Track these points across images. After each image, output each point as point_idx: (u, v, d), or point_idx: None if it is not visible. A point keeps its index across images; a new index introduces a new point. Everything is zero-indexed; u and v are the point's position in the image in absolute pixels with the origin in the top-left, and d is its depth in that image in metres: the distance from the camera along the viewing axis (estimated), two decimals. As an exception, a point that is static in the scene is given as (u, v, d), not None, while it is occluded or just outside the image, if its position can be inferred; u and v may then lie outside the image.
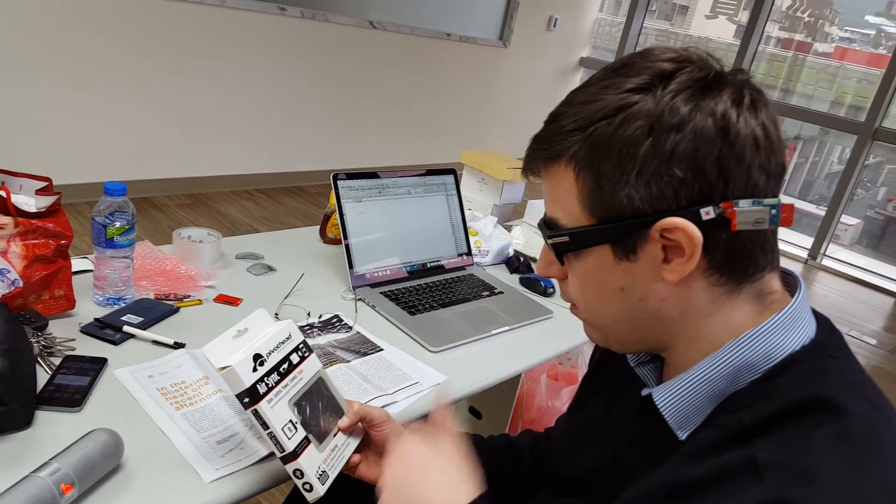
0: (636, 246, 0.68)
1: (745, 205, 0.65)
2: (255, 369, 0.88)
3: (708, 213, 0.65)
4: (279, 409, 0.89)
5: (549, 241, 0.75)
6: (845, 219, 5.71)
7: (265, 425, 0.87)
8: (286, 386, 0.91)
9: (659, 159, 0.64)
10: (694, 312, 0.70)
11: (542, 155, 0.73)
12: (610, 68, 0.71)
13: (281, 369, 0.92)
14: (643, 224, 0.67)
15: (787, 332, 0.68)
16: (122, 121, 3.91)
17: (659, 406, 0.74)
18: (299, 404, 0.92)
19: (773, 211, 0.65)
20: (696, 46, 0.71)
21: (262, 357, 0.89)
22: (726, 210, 0.65)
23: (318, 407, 0.95)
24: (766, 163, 0.66)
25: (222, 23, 4.13)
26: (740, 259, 0.68)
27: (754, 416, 0.65)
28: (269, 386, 0.89)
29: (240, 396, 0.86)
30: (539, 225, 0.77)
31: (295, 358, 0.95)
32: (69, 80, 3.62)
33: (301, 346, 0.97)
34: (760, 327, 0.68)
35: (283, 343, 0.94)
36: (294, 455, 0.88)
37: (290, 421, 0.89)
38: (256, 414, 0.86)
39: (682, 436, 0.72)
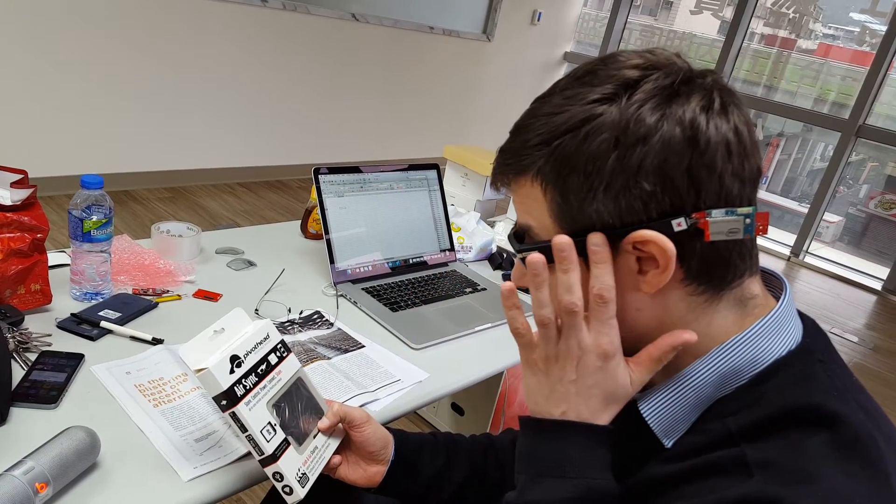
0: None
1: (717, 215, 0.63)
2: (232, 371, 0.86)
3: (679, 224, 0.63)
4: (257, 412, 0.87)
5: (520, 256, 0.73)
6: (827, 216, 5.76)
7: (243, 428, 0.85)
8: (264, 387, 0.90)
9: (626, 173, 0.63)
10: (672, 321, 0.69)
11: (508, 169, 0.71)
12: (574, 76, 0.69)
13: (259, 370, 0.90)
14: (613, 238, 0.65)
15: (774, 336, 0.67)
16: (103, 113, 3.87)
17: (644, 415, 0.72)
18: (278, 406, 0.91)
19: (748, 220, 0.64)
20: (663, 48, 0.69)
21: (239, 358, 0.88)
22: (699, 221, 0.63)
23: (297, 408, 0.93)
24: (739, 168, 0.64)
25: (203, 14, 4.09)
26: (717, 267, 0.66)
27: (740, 422, 0.64)
28: (247, 388, 0.87)
29: (217, 399, 0.85)
30: (509, 238, 0.76)
31: (273, 358, 0.93)
32: (48, 71, 3.57)
33: (279, 346, 0.95)
34: (746, 333, 0.67)
35: (260, 343, 0.92)
36: (273, 458, 0.87)
37: (269, 423, 0.88)
38: (234, 417, 0.85)
39: (669, 443, 0.71)
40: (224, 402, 0.84)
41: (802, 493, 0.56)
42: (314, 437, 0.94)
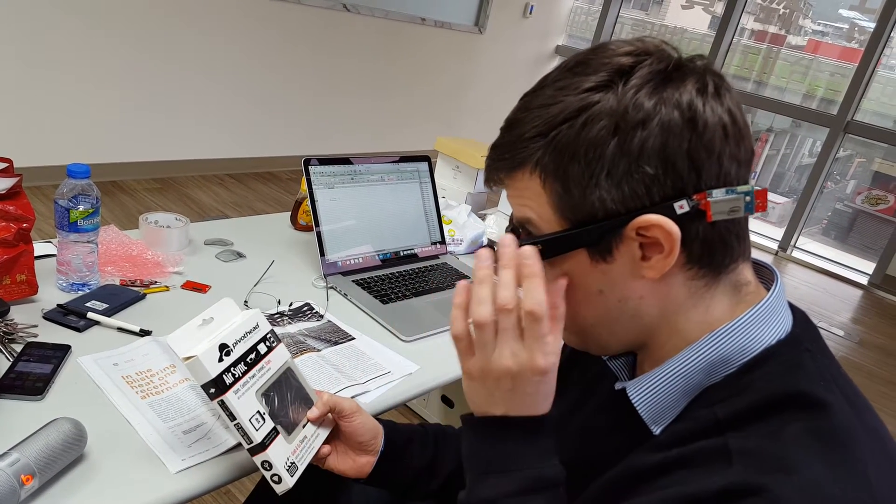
0: (612, 247, 0.66)
1: (718, 194, 0.63)
2: (220, 359, 0.85)
3: (682, 206, 0.63)
4: (246, 400, 0.87)
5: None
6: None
7: (232, 416, 0.85)
8: (253, 376, 0.89)
9: (628, 158, 0.63)
10: (673, 308, 0.69)
11: (503, 165, 0.70)
12: (565, 67, 0.68)
13: (248, 359, 0.89)
14: (617, 224, 0.65)
15: (763, 325, 0.68)
16: (91, 102, 3.84)
17: (633, 401, 0.72)
18: (267, 395, 0.90)
19: (748, 198, 0.64)
20: (651, 36, 0.69)
21: (228, 347, 0.87)
22: (700, 202, 0.63)
23: (286, 397, 0.93)
24: (735, 150, 0.65)
25: (193, 4, 4.06)
26: (718, 249, 0.67)
27: (728, 410, 0.64)
28: (236, 376, 0.87)
29: (206, 387, 0.84)
30: (507, 233, 0.75)
31: (262, 348, 0.93)
32: (35, 60, 3.54)
33: (269, 335, 0.95)
34: (736, 321, 0.68)
35: (249, 333, 0.92)
36: (262, 446, 0.86)
37: (258, 412, 0.87)
38: (223, 405, 0.84)
39: (657, 430, 0.71)
40: (213, 391, 0.84)
41: (783, 481, 0.56)
42: (303, 426, 0.93)
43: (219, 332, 0.88)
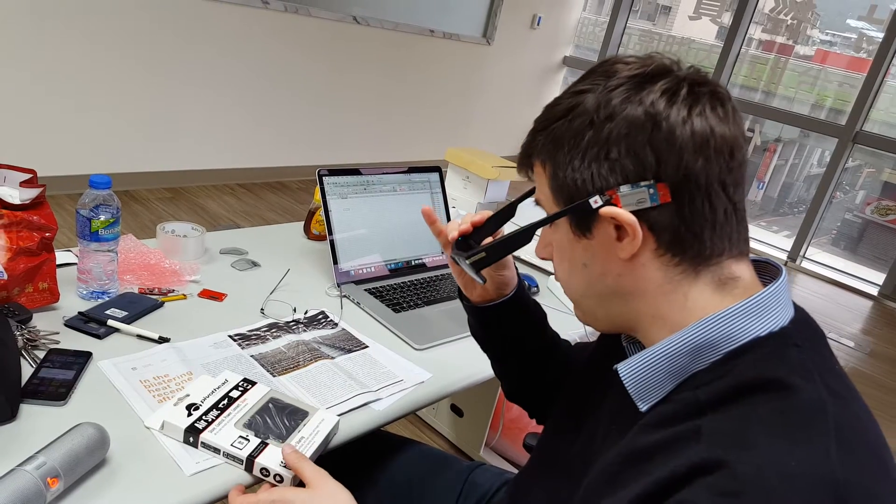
0: (591, 225, 0.76)
1: (625, 189, 0.72)
2: (189, 414, 1.01)
3: (596, 201, 0.73)
4: (225, 433, 0.99)
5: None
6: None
7: (216, 450, 0.97)
8: (229, 415, 1.03)
9: (598, 145, 0.73)
10: (650, 290, 0.76)
11: (522, 159, 0.84)
12: (579, 77, 0.79)
13: (220, 405, 1.04)
14: (588, 204, 0.75)
15: (754, 317, 0.71)
16: (104, 114, 3.87)
17: (621, 376, 0.78)
18: (253, 421, 1.03)
19: (651, 191, 0.72)
20: (668, 52, 0.77)
21: (195, 404, 1.03)
22: (612, 197, 0.73)
23: (275, 417, 1.04)
24: (703, 146, 0.71)
25: (205, 16, 4.10)
26: (689, 240, 0.73)
27: (709, 392, 0.69)
28: (210, 420, 1.01)
29: (185, 439, 0.98)
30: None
31: (235, 393, 1.08)
32: (52, 73, 3.58)
33: (241, 383, 1.11)
34: (724, 311, 0.72)
35: (218, 388, 1.08)
36: (251, 458, 0.95)
37: (240, 436, 0.99)
38: (205, 445, 0.98)
39: (643, 407, 0.76)
40: (191, 439, 0.98)
41: (742, 457, 0.61)
42: (299, 430, 1.02)
43: (187, 399, 1.04)
